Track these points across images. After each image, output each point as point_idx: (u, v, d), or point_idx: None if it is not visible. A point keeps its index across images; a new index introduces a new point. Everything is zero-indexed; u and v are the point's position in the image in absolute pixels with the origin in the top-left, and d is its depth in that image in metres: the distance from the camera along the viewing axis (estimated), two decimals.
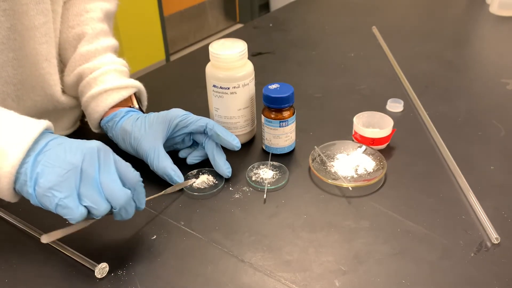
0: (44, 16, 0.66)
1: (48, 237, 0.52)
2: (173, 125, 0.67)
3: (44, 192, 0.48)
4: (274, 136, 0.70)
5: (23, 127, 0.50)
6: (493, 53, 1.06)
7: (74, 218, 0.49)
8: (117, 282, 0.53)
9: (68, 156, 0.49)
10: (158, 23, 2.76)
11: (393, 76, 0.94)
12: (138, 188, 0.54)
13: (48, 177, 0.48)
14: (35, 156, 0.49)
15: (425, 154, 0.72)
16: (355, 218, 0.60)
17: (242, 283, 0.52)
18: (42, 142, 0.50)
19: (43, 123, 0.51)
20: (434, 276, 0.52)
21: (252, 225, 0.60)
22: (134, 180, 0.53)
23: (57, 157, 0.49)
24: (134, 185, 0.53)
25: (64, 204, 0.48)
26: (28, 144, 0.49)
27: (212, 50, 0.68)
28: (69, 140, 0.51)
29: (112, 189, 0.50)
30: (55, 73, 0.71)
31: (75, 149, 0.50)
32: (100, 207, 0.49)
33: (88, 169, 0.49)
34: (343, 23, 1.22)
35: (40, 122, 0.51)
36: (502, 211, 0.60)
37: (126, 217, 0.53)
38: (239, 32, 1.25)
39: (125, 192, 0.51)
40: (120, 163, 0.52)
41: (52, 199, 0.48)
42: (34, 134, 0.49)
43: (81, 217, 0.49)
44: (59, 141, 0.51)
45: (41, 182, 0.48)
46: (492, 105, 0.84)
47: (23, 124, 0.51)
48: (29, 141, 0.49)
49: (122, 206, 0.51)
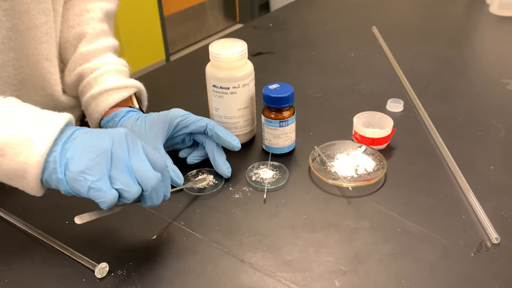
0: (45, 16, 0.66)
1: (80, 219, 0.52)
2: (174, 125, 0.67)
3: (75, 176, 0.48)
4: (274, 136, 0.70)
5: (47, 118, 0.50)
6: (493, 53, 1.06)
7: (107, 201, 0.49)
8: (117, 282, 0.53)
9: (96, 142, 0.49)
10: (158, 23, 2.76)
11: (393, 76, 0.94)
12: (165, 174, 0.54)
13: (79, 161, 0.48)
14: (63, 144, 0.49)
15: (425, 154, 0.72)
16: (355, 218, 0.60)
17: (242, 283, 0.52)
18: (68, 132, 0.50)
19: (67, 116, 0.52)
20: (434, 276, 0.52)
21: (252, 225, 0.60)
22: (162, 165, 0.53)
23: (86, 143, 0.49)
24: (162, 170, 0.53)
25: (97, 187, 0.48)
26: (54, 133, 0.49)
27: (212, 50, 0.68)
28: (94, 129, 0.52)
29: (143, 171, 0.50)
30: (55, 72, 0.71)
31: (103, 135, 0.50)
32: (132, 189, 0.49)
33: (118, 152, 0.49)
34: (343, 23, 1.22)
35: (63, 115, 0.52)
36: (502, 211, 0.60)
37: (156, 201, 0.53)
38: (239, 32, 1.25)
39: (156, 175, 0.51)
40: (147, 148, 0.53)
41: (84, 183, 0.48)
42: (60, 124, 0.50)
43: (113, 199, 0.49)
44: (84, 130, 0.51)
45: (72, 166, 0.48)
46: (492, 105, 0.84)
47: (47, 116, 0.51)
48: (56, 130, 0.49)
49: (154, 188, 0.51)
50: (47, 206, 0.61)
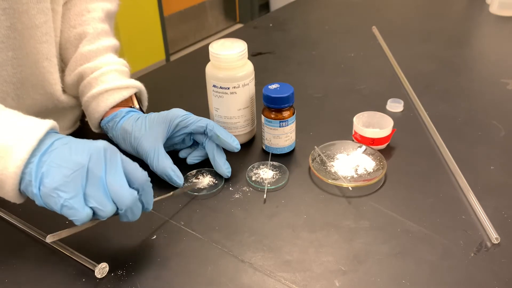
0: (44, 15, 0.66)
1: (53, 237, 0.52)
2: (174, 125, 0.67)
3: (49, 192, 0.47)
4: (274, 136, 0.70)
5: (27, 127, 0.49)
6: (493, 53, 1.06)
7: (80, 219, 0.48)
8: (117, 282, 0.53)
9: (74, 156, 0.48)
10: (158, 23, 2.75)
11: (393, 76, 0.94)
12: (146, 188, 0.53)
13: (53, 177, 0.47)
14: (40, 156, 0.48)
15: (425, 154, 0.72)
16: (355, 218, 0.60)
17: (242, 283, 0.52)
18: (47, 142, 0.49)
19: (48, 123, 0.50)
20: (434, 276, 0.52)
21: (252, 225, 0.60)
22: (142, 180, 0.52)
23: (63, 157, 0.48)
24: (142, 185, 0.52)
25: (70, 205, 0.47)
26: (33, 144, 0.48)
27: (212, 50, 0.68)
28: (74, 140, 0.51)
29: (118, 190, 0.49)
30: (55, 72, 0.71)
31: (81, 149, 0.49)
32: (106, 208, 0.49)
33: (94, 169, 0.48)
34: (343, 23, 1.22)
35: (45, 122, 0.50)
36: (502, 211, 0.60)
37: (132, 218, 0.52)
38: (239, 32, 1.25)
39: (131, 193, 0.50)
40: (127, 163, 0.51)
41: (57, 200, 0.47)
42: (39, 134, 0.49)
43: (86, 218, 0.48)
44: (64, 140, 0.50)
45: (47, 182, 0.47)
46: (492, 105, 0.84)
47: (28, 124, 0.50)
48: (34, 141, 0.48)
49: (128, 207, 0.50)
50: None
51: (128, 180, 0.51)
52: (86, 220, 0.48)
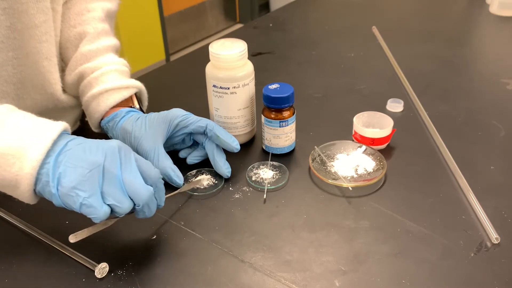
0: (44, 15, 0.66)
1: (75, 237, 0.52)
2: (174, 125, 0.67)
3: (67, 192, 0.48)
4: (274, 136, 0.70)
5: (41, 128, 0.50)
6: (493, 53, 1.06)
7: (99, 217, 0.49)
8: (117, 282, 0.53)
9: (89, 156, 0.49)
10: (158, 23, 2.75)
11: (393, 76, 0.94)
12: (159, 185, 0.54)
13: (71, 176, 0.48)
14: (56, 156, 0.49)
15: (425, 154, 0.72)
16: (355, 218, 0.60)
17: (242, 283, 0.52)
18: (61, 143, 0.50)
19: (61, 124, 0.52)
20: (434, 276, 0.52)
21: (252, 225, 0.60)
22: (155, 177, 0.53)
23: (78, 156, 0.49)
24: (156, 182, 0.53)
25: (88, 203, 0.48)
26: (47, 145, 0.49)
27: (212, 50, 0.68)
28: (88, 140, 0.52)
29: (135, 186, 0.50)
30: (55, 71, 0.71)
31: (96, 149, 0.50)
32: (124, 204, 0.50)
33: (110, 167, 0.49)
34: (343, 23, 1.22)
35: (58, 124, 0.51)
36: (502, 211, 0.60)
37: (149, 214, 0.54)
38: (239, 32, 1.25)
39: (148, 189, 0.51)
40: (140, 161, 0.53)
41: (76, 199, 0.48)
42: (53, 135, 0.50)
43: (105, 215, 0.49)
44: (78, 141, 0.51)
45: (64, 182, 0.48)
46: (492, 105, 0.84)
47: (41, 125, 0.51)
48: (48, 142, 0.49)
49: (145, 203, 0.51)
50: (47, 206, 0.61)
51: (142, 177, 0.52)
52: (104, 217, 0.49)
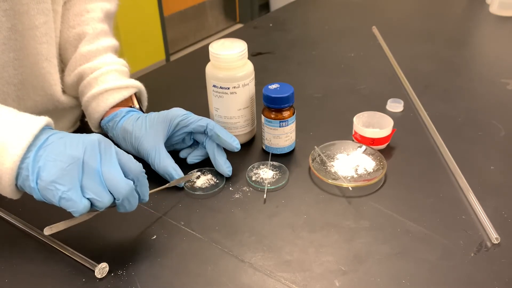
0: (44, 16, 0.66)
1: (50, 229, 0.52)
2: (174, 124, 0.67)
3: (46, 186, 0.48)
4: (274, 136, 0.70)
5: (23, 123, 0.50)
6: (493, 53, 1.06)
7: (78, 211, 0.49)
8: (117, 282, 0.53)
9: (69, 150, 0.49)
10: (158, 23, 2.75)
11: (393, 76, 0.94)
12: (141, 179, 0.54)
13: (50, 170, 0.48)
14: (36, 151, 0.49)
15: (425, 154, 0.72)
16: (355, 218, 0.60)
17: (242, 283, 0.52)
18: (42, 137, 0.50)
19: (43, 119, 0.51)
20: (434, 276, 0.52)
21: (252, 225, 0.60)
22: (136, 171, 0.53)
23: (58, 151, 0.49)
24: (137, 176, 0.53)
25: (68, 197, 0.48)
26: (28, 139, 0.49)
27: (212, 50, 0.68)
28: (69, 134, 0.52)
29: (114, 180, 0.50)
30: (55, 72, 0.71)
31: (76, 143, 0.50)
32: (103, 198, 0.50)
33: (89, 161, 0.49)
34: (343, 23, 1.22)
35: (40, 118, 0.51)
36: (502, 211, 0.60)
37: (130, 208, 0.53)
38: (239, 32, 1.25)
39: (127, 183, 0.51)
40: (121, 154, 0.53)
41: (55, 192, 0.48)
42: (35, 129, 0.50)
43: (84, 209, 0.49)
44: (59, 135, 0.51)
45: (43, 175, 0.48)
46: (492, 105, 0.84)
47: (23, 120, 0.51)
48: (30, 136, 0.49)
49: (125, 197, 0.51)
50: (46, 206, 0.61)
51: (123, 171, 0.52)
52: (84, 211, 0.49)
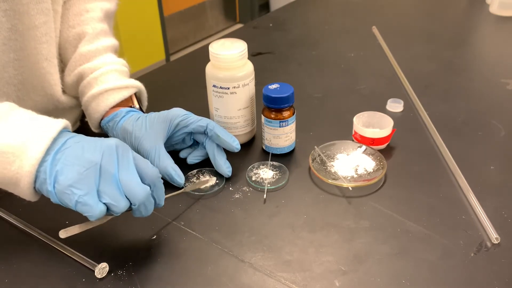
0: (44, 16, 0.66)
1: (65, 233, 0.52)
2: (174, 124, 0.67)
3: (64, 190, 0.48)
4: (274, 136, 0.70)
5: (41, 126, 0.51)
6: (493, 53, 1.06)
7: (94, 215, 0.49)
8: (117, 282, 0.53)
9: (87, 154, 0.49)
10: (158, 23, 2.75)
11: (393, 76, 0.94)
12: (157, 184, 0.54)
13: (67, 174, 0.48)
14: (54, 154, 0.49)
15: (425, 154, 0.72)
16: (355, 218, 0.60)
17: (242, 283, 0.52)
18: (60, 141, 0.50)
19: (61, 122, 0.52)
20: (434, 276, 0.52)
21: (252, 225, 0.60)
22: (153, 176, 0.53)
23: (76, 155, 0.49)
24: (154, 181, 0.53)
25: (84, 201, 0.48)
26: (47, 143, 0.49)
27: (212, 50, 0.68)
28: (87, 138, 0.52)
29: (131, 185, 0.50)
30: (55, 72, 0.71)
31: (94, 147, 0.50)
32: (120, 203, 0.50)
33: (107, 166, 0.49)
34: (343, 23, 1.22)
35: (58, 121, 0.52)
36: (502, 211, 0.60)
37: (146, 214, 0.53)
38: (239, 32, 1.25)
39: (144, 189, 0.51)
40: (138, 160, 0.53)
41: (72, 197, 0.48)
42: (53, 133, 0.50)
43: (100, 214, 0.49)
44: (77, 139, 0.51)
45: (61, 179, 0.48)
46: (492, 105, 0.84)
47: (42, 123, 0.51)
48: (48, 140, 0.49)
49: (141, 202, 0.51)
50: (47, 206, 0.61)
51: (140, 176, 0.52)
52: (100, 215, 0.49)
